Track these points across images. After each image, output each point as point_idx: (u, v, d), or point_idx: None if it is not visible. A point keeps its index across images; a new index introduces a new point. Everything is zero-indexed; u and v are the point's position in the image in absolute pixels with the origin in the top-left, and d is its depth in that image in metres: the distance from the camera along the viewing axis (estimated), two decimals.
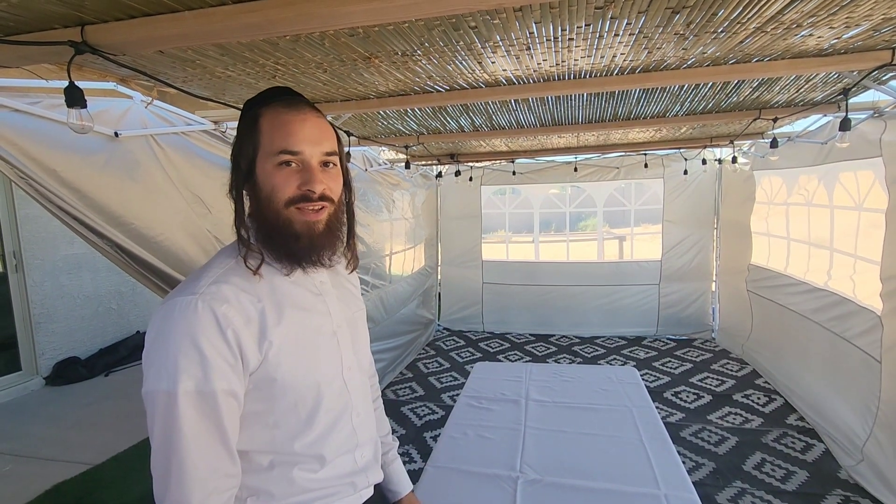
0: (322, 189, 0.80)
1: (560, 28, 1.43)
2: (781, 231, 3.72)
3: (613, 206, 5.60)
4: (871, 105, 2.45)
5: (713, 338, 4.96)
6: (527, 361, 4.46)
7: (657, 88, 2.27)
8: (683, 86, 2.26)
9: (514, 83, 2.02)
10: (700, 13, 1.35)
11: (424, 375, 4.24)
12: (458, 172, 4.76)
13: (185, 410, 0.69)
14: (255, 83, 1.84)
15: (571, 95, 2.37)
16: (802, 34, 1.54)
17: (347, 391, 0.89)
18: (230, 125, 2.14)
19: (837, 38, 1.60)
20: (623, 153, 4.75)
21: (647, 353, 4.59)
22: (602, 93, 2.35)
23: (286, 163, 0.78)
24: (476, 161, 4.92)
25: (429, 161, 4.71)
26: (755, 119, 2.85)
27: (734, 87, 2.32)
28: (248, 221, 0.82)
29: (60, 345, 4.20)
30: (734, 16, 1.38)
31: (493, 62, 1.74)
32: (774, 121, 2.90)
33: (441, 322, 5.71)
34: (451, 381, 4.07)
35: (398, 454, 1.16)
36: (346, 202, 0.91)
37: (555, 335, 5.26)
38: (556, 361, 4.46)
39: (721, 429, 3.07)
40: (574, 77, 1.98)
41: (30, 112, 1.41)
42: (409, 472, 1.18)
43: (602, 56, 1.72)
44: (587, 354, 4.63)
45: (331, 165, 0.83)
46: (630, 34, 1.50)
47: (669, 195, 5.01)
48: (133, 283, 4.71)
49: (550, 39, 1.52)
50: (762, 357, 3.94)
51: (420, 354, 4.79)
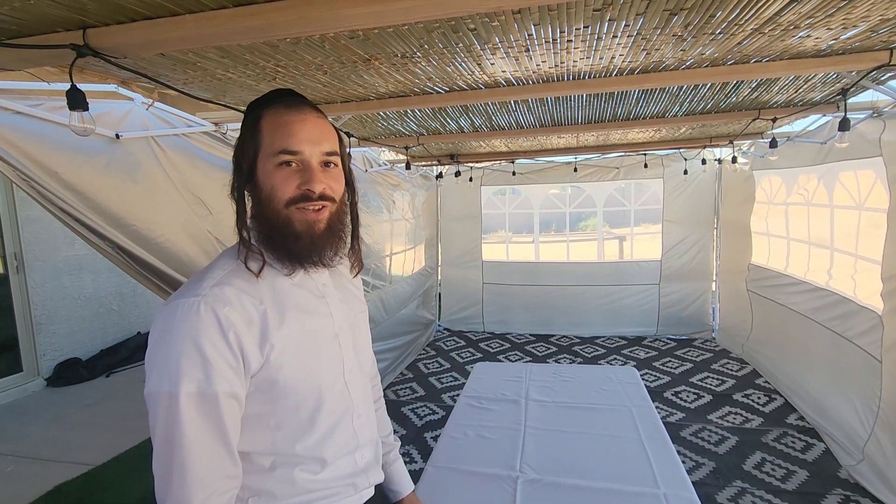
0: (322, 189, 0.80)
1: (559, 30, 1.44)
2: (781, 231, 3.72)
3: (613, 207, 5.60)
4: (870, 105, 2.45)
5: (713, 337, 4.96)
6: (527, 362, 4.46)
7: (656, 89, 2.28)
8: (682, 86, 2.26)
9: (514, 84, 2.03)
10: (698, 15, 1.36)
11: (425, 376, 4.24)
12: (459, 173, 4.76)
13: (187, 412, 0.69)
14: (256, 85, 1.84)
15: (571, 96, 2.37)
16: (800, 35, 1.55)
17: (349, 393, 0.89)
18: (231, 127, 2.15)
19: (835, 39, 1.61)
20: (623, 153, 4.75)
21: (648, 353, 4.60)
22: (601, 93, 2.36)
23: (286, 163, 0.79)
24: (476, 161, 4.92)
25: (429, 162, 4.71)
26: (754, 119, 2.85)
27: (733, 88, 2.32)
28: (250, 222, 0.82)
29: (61, 346, 4.21)
30: (732, 17, 1.38)
31: (493, 64, 1.74)
32: (773, 121, 2.90)
33: (441, 322, 5.72)
34: (452, 382, 4.08)
35: (399, 454, 1.17)
36: (350, 203, 0.90)
37: (555, 335, 5.26)
38: (557, 361, 4.46)
39: (721, 428, 3.07)
40: (573, 78, 1.98)
41: (31, 114, 1.41)
42: (410, 473, 1.18)
43: (601, 57, 1.73)
44: (587, 354, 4.63)
45: (332, 165, 0.83)
46: (628, 36, 1.51)
47: (669, 195, 5.01)
48: (134, 285, 4.71)
49: (549, 41, 1.53)
50: (762, 357, 3.94)
51: (420, 355, 4.80)
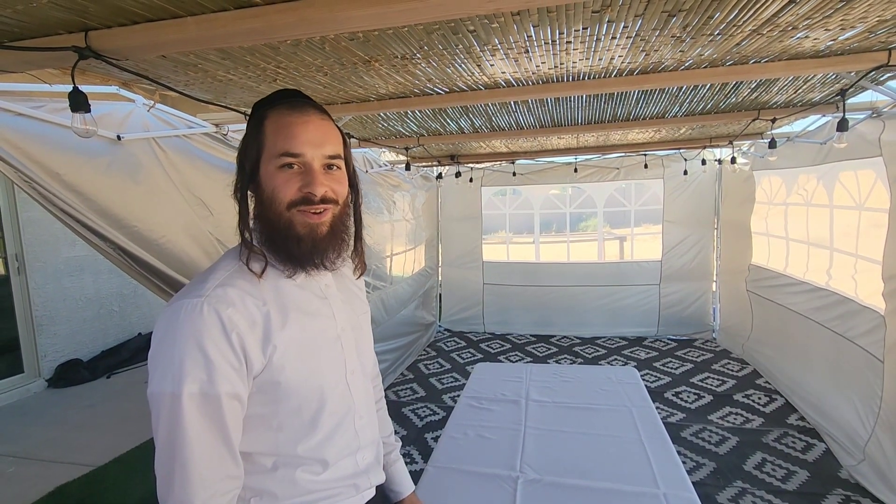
0: (323, 192, 0.80)
1: (558, 31, 1.44)
2: (781, 231, 3.72)
3: (614, 207, 5.60)
4: (870, 105, 2.46)
5: (714, 338, 4.96)
6: (527, 362, 4.46)
7: (656, 89, 2.28)
8: (682, 87, 2.27)
9: (514, 85, 2.04)
10: (696, 16, 1.36)
11: (425, 376, 4.25)
12: (459, 174, 4.77)
13: (190, 413, 0.69)
14: (257, 86, 1.85)
15: (570, 97, 2.38)
16: (798, 36, 1.55)
17: (350, 395, 0.89)
18: (231, 128, 2.15)
19: (833, 40, 1.61)
20: (623, 154, 4.75)
21: (648, 354, 4.60)
22: (601, 94, 2.36)
23: (288, 165, 0.79)
24: (476, 162, 4.93)
25: (429, 162, 4.72)
26: (754, 120, 2.86)
27: (733, 88, 2.33)
28: (253, 223, 0.82)
29: (62, 347, 4.22)
30: (730, 19, 1.39)
31: (492, 65, 1.75)
32: (773, 121, 2.91)
33: (442, 323, 5.72)
34: (452, 382, 4.08)
35: (400, 455, 1.17)
36: (353, 204, 0.90)
37: (555, 336, 5.26)
38: (557, 362, 4.46)
39: (722, 429, 3.07)
40: (573, 79, 1.99)
41: (33, 116, 1.42)
42: (411, 473, 1.19)
43: (600, 58, 1.73)
44: (588, 355, 4.63)
45: (334, 168, 0.83)
46: (627, 37, 1.52)
47: (669, 195, 5.01)
48: (135, 286, 4.72)
49: (548, 42, 1.54)
50: (763, 357, 3.94)
51: (421, 355, 4.80)
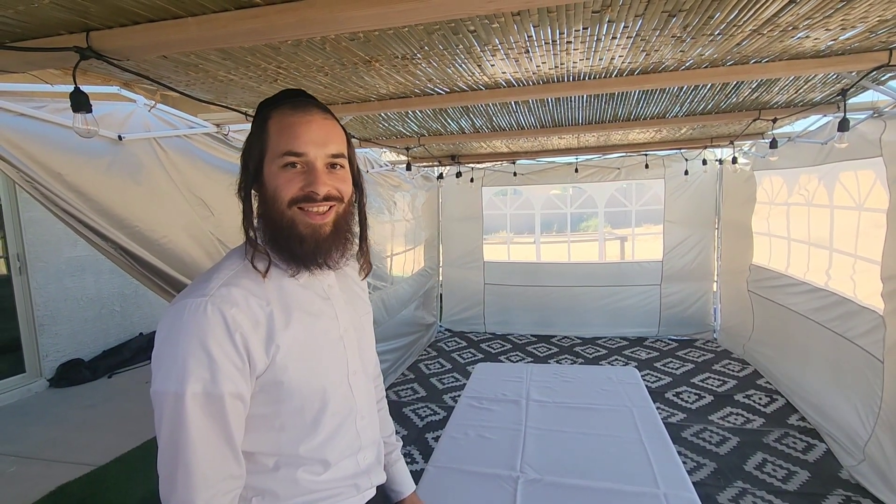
0: (326, 191, 0.80)
1: (558, 31, 1.44)
2: (782, 231, 3.72)
3: (614, 207, 5.60)
4: (871, 105, 2.46)
5: (715, 338, 4.95)
6: (528, 362, 4.46)
7: (656, 90, 2.28)
8: (683, 87, 2.27)
9: (514, 85, 2.04)
10: (696, 16, 1.36)
11: (426, 376, 4.25)
12: (460, 174, 4.77)
13: (193, 412, 0.69)
14: (258, 87, 1.85)
15: (571, 97, 2.38)
16: (799, 36, 1.55)
17: (352, 395, 0.89)
18: (232, 128, 2.16)
19: (834, 40, 1.61)
20: (624, 154, 4.75)
21: (649, 354, 4.59)
22: (601, 94, 2.36)
23: (291, 164, 0.79)
24: (477, 162, 4.93)
25: (430, 162, 4.72)
26: (755, 120, 2.86)
27: (733, 88, 2.33)
28: (257, 222, 0.83)
29: (64, 347, 4.22)
30: (730, 19, 1.39)
31: (493, 65, 1.75)
32: (774, 121, 2.91)
33: (443, 323, 5.72)
34: (453, 382, 4.08)
35: (401, 455, 1.17)
36: (357, 203, 0.90)
37: (556, 336, 5.26)
38: (558, 362, 4.46)
39: (722, 429, 3.07)
40: (573, 79, 1.99)
41: (34, 116, 1.42)
42: (411, 473, 1.19)
43: (600, 58, 1.73)
44: (589, 355, 4.63)
45: (338, 167, 0.83)
46: (627, 37, 1.52)
47: (670, 195, 5.01)
48: (136, 286, 4.73)
49: (549, 43, 1.54)
50: (764, 357, 3.94)
51: (422, 356, 4.80)
